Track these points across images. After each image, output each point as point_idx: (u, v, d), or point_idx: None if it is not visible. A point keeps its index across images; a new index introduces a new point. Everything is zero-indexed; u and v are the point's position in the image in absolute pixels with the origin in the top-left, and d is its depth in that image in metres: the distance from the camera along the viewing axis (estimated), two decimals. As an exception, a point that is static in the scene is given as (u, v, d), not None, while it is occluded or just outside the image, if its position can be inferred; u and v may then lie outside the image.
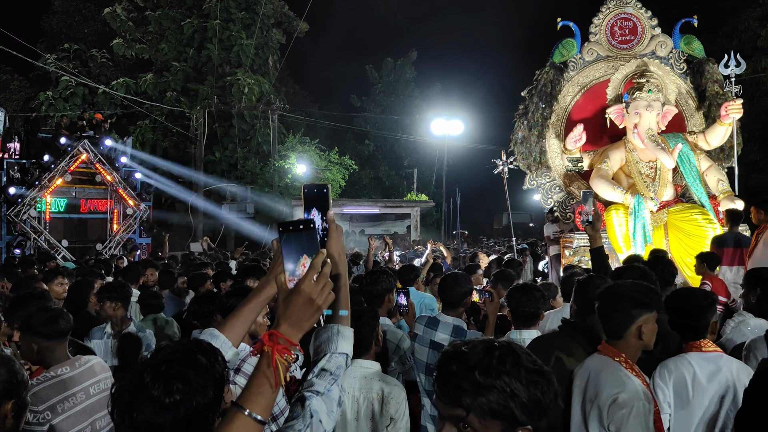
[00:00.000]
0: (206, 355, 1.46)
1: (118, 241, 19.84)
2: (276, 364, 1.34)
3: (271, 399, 1.37)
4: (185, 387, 1.39)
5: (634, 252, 7.20)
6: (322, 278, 1.42)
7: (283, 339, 1.37)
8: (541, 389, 1.26)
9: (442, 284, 3.62)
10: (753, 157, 20.03)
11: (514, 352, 1.29)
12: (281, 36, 30.60)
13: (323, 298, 1.42)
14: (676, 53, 8.70)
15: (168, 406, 1.37)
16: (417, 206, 28.09)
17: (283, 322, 1.41)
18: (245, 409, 1.33)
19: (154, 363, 1.43)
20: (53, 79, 27.51)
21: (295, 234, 1.46)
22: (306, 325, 1.42)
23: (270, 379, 1.35)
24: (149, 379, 1.39)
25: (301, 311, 1.40)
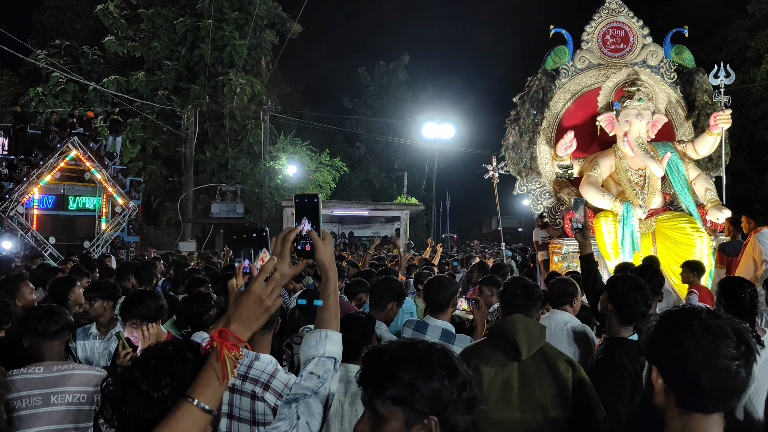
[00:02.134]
0: (195, 352, 1.51)
1: (106, 239, 19.72)
2: (224, 358, 1.40)
3: (218, 391, 1.42)
4: (173, 382, 1.43)
5: (622, 259, 7.25)
6: (272, 281, 1.51)
7: (232, 336, 1.45)
8: (441, 383, 1.35)
9: (427, 288, 3.64)
10: (740, 167, 20.24)
11: (427, 349, 1.40)
12: (274, 37, 30.59)
13: (272, 299, 1.50)
14: (666, 62, 8.77)
15: (156, 401, 1.41)
16: (407, 209, 28.12)
17: (233, 321, 1.48)
18: (192, 398, 1.38)
19: (143, 359, 1.48)
20: (44, 75, 27.32)
21: (248, 240, 1.63)
22: (255, 324, 1.50)
23: (218, 372, 1.40)
24: (138, 374, 1.44)
25: (250, 311, 1.48)
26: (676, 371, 1.41)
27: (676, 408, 1.43)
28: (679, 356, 1.40)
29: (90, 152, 19.04)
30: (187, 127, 28.35)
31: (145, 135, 28.65)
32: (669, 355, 1.42)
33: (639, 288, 2.94)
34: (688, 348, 1.39)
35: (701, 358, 1.37)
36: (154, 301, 3.33)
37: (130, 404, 1.41)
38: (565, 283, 4.26)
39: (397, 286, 3.76)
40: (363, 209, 28.50)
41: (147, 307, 3.26)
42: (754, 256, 6.47)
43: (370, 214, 28.77)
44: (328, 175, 29.77)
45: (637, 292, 2.92)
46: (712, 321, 1.42)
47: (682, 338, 1.40)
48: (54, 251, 17.94)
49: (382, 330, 3.51)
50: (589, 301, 3.75)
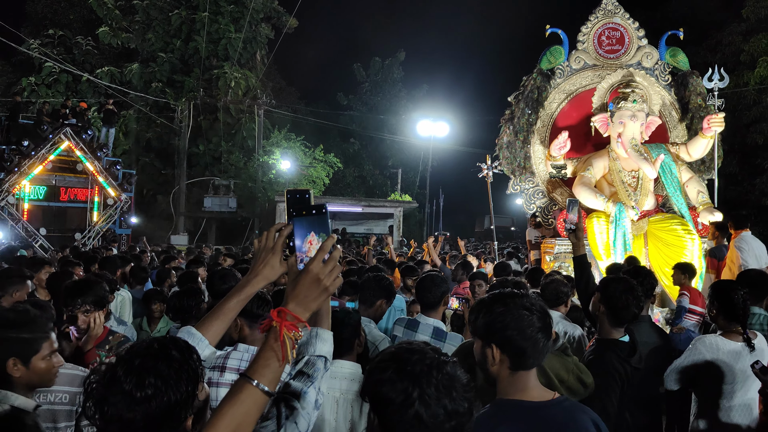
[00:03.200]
0: (181, 351, 1.47)
1: (97, 231, 19.62)
2: (283, 338, 1.38)
3: (278, 372, 1.41)
4: (157, 382, 1.40)
5: (613, 260, 7.28)
6: (331, 261, 1.47)
7: (291, 316, 1.42)
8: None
9: (419, 286, 3.64)
10: (732, 170, 20.33)
11: (405, 351, 1.46)
12: (270, 31, 30.48)
13: (331, 279, 1.46)
14: (661, 65, 8.80)
15: (139, 401, 1.37)
16: (400, 206, 28.13)
17: (291, 300, 1.45)
18: (253, 380, 1.37)
19: (127, 357, 1.43)
20: (36, 65, 27.11)
21: (307, 218, 1.53)
22: (313, 305, 1.47)
23: (277, 353, 1.39)
24: (122, 372, 1.39)
25: (308, 290, 1.45)
26: (510, 345, 1.92)
27: (508, 370, 1.94)
28: (512, 334, 1.92)
29: (82, 143, 18.92)
30: (181, 119, 28.22)
31: (139, 127, 28.50)
32: (504, 334, 1.93)
33: (632, 290, 2.95)
34: (519, 326, 1.92)
35: (526, 334, 1.92)
36: (102, 287, 3.25)
37: (113, 404, 1.37)
38: (560, 283, 4.27)
39: (387, 284, 3.76)
40: (356, 206, 28.48)
41: (98, 294, 3.17)
42: (732, 260, 6.53)
43: (364, 210, 28.75)
44: (322, 170, 29.72)
45: (629, 293, 2.93)
46: (528, 303, 1.98)
47: (514, 320, 1.93)
48: (45, 242, 17.84)
49: (371, 327, 3.51)
50: (581, 301, 3.77)
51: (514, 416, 1.88)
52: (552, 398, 1.95)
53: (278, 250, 1.60)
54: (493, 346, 1.95)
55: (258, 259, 1.64)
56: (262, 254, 1.62)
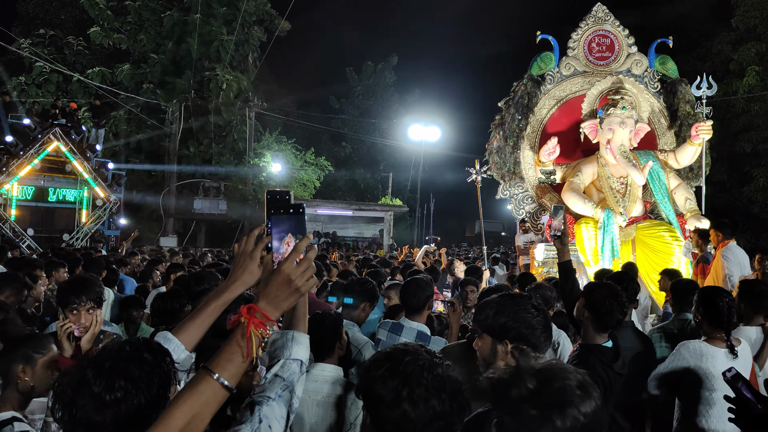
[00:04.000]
0: (153, 353, 1.45)
1: (86, 232, 19.48)
2: (250, 335, 1.37)
3: (241, 368, 1.39)
4: (128, 385, 1.38)
5: (601, 265, 7.30)
6: (304, 261, 1.46)
7: (260, 314, 1.41)
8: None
9: (404, 290, 3.64)
10: (720, 177, 20.46)
11: (400, 352, 1.48)
12: (262, 34, 30.43)
13: (303, 280, 1.45)
14: (650, 72, 8.86)
15: (109, 404, 1.35)
16: (391, 210, 28.15)
17: (262, 298, 1.44)
18: (214, 373, 1.35)
19: (98, 359, 1.41)
20: (27, 64, 26.92)
21: (284, 216, 1.53)
22: (284, 305, 1.46)
23: (242, 349, 1.37)
24: (92, 375, 1.37)
25: (279, 290, 1.44)
26: (524, 341, 2.07)
27: (511, 357, 2.06)
28: (526, 332, 2.10)
29: (71, 144, 18.80)
30: (172, 121, 28.11)
31: (129, 128, 28.36)
32: (519, 332, 2.10)
33: (616, 295, 2.95)
34: (530, 324, 2.11)
35: (537, 332, 2.10)
36: (99, 285, 3.19)
37: (81, 406, 1.35)
38: (546, 288, 4.27)
39: (370, 287, 3.76)
40: (347, 209, 28.49)
41: (96, 291, 3.10)
42: (717, 269, 6.57)
43: (354, 214, 28.76)
44: (313, 174, 29.70)
45: (613, 299, 2.93)
46: (536, 303, 2.18)
47: (527, 319, 2.12)
48: (32, 243, 17.69)
49: (353, 330, 3.50)
50: (566, 307, 3.77)
51: None
52: None
53: (257, 255, 1.58)
54: (506, 343, 2.08)
55: (237, 263, 1.62)
56: (241, 259, 1.61)
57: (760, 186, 19.74)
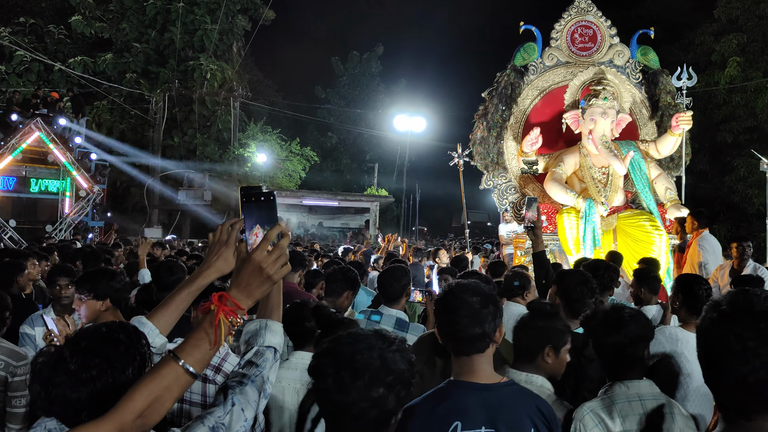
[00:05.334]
0: (128, 335, 1.49)
1: (69, 223, 19.32)
2: (219, 323, 1.37)
3: (207, 355, 1.39)
4: (102, 363, 1.41)
5: (583, 255, 7.38)
6: (276, 249, 1.45)
7: (231, 302, 1.41)
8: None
9: (381, 279, 3.71)
10: (702, 168, 20.68)
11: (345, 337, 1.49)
12: (247, 23, 30.18)
13: (275, 268, 1.45)
14: (632, 63, 8.92)
15: (84, 381, 1.39)
16: (376, 201, 28.15)
17: (233, 287, 1.45)
18: (180, 358, 1.36)
19: (75, 339, 1.45)
20: (7, 53, 26.52)
21: (255, 204, 1.51)
22: (256, 293, 1.46)
23: (210, 336, 1.38)
24: (68, 354, 1.41)
25: (251, 278, 1.44)
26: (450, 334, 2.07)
27: (454, 356, 2.08)
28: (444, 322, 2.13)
29: (53, 134, 18.60)
30: (156, 111, 27.85)
31: (112, 118, 28.07)
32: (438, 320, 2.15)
33: (586, 282, 3.02)
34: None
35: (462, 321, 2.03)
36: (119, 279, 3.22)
37: (58, 384, 1.39)
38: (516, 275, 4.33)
39: (352, 276, 3.82)
40: (332, 200, 28.46)
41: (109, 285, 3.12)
42: (693, 257, 6.69)
43: (340, 204, 28.74)
44: (299, 164, 29.61)
45: (584, 285, 3.00)
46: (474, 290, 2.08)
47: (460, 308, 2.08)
48: (14, 234, 17.53)
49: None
50: (541, 296, 3.83)
51: (456, 395, 1.96)
52: (499, 381, 2.02)
53: (232, 242, 1.60)
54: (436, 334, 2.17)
55: (212, 251, 1.65)
56: (216, 247, 1.63)
57: (740, 176, 19.98)
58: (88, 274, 3.21)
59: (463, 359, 2.04)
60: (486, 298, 2.04)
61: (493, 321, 2.03)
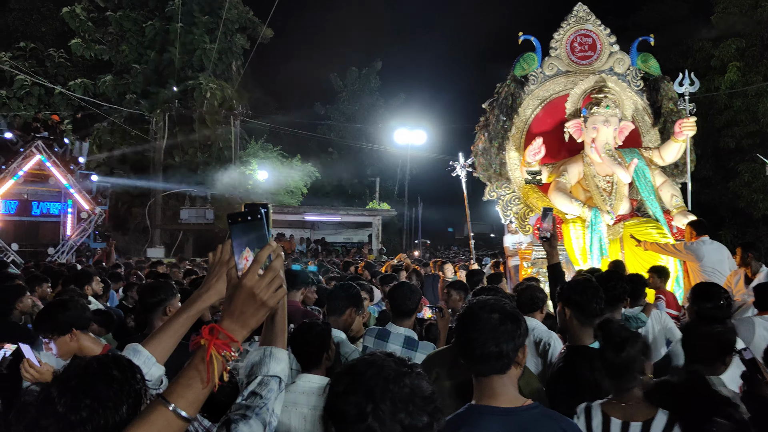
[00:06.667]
0: (122, 370, 1.37)
1: (71, 245, 19.27)
2: (210, 358, 1.26)
3: (200, 395, 1.27)
4: (93, 404, 1.29)
5: (590, 264, 7.28)
6: (269, 272, 1.33)
7: (223, 334, 1.29)
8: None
9: (393, 294, 3.58)
10: (706, 174, 20.60)
11: (363, 364, 1.38)
12: (245, 41, 30.30)
13: (268, 293, 1.33)
14: (633, 70, 8.88)
15: (73, 424, 1.27)
16: (379, 215, 28.08)
17: (225, 317, 1.33)
18: (169, 402, 1.24)
19: (64, 377, 1.34)
20: (8, 78, 26.64)
21: (242, 225, 1.39)
22: (251, 322, 1.34)
23: (202, 374, 1.26)
24: (56, 393, 1.29)
25: (244, 306, 1.32)
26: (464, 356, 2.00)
27: (474, 379, 1.99)
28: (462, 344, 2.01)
29: (54, 156, 18.60)
30: (156, 131, 27.90)
31: (113, 139, 28.11)
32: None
33: (590, 286, 2.94)
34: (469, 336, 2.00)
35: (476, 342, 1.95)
36: (71, 311, 3.03)
37: (45, 427, 1.27)
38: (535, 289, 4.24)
39: (355, 292, 3.68)
40: (335, 215, 28.39)
41: (56, 321, 2.97)
42: (691, 265, 6.64)
43: (342, 219, 28.67)
44: (300, 180, 29.59)
45: (587, 289, 2.92)
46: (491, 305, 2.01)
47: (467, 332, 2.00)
48: (17, 258, 17.47)
49: (342, 339, 3.44)
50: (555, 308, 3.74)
51: (475, 421, 1.87)
52: (522, 405, 1.91)
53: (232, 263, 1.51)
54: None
55: (211, 272, 1.56)
56: (215, 268, 1.55)
57: (745, 181, 19.88)
58: (41, 315, 3.06)
59: (482, 381, 1.94)
60: (506, 316, 1.94)
61: (513, 340, 1.92)
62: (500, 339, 1.90)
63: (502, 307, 1.98)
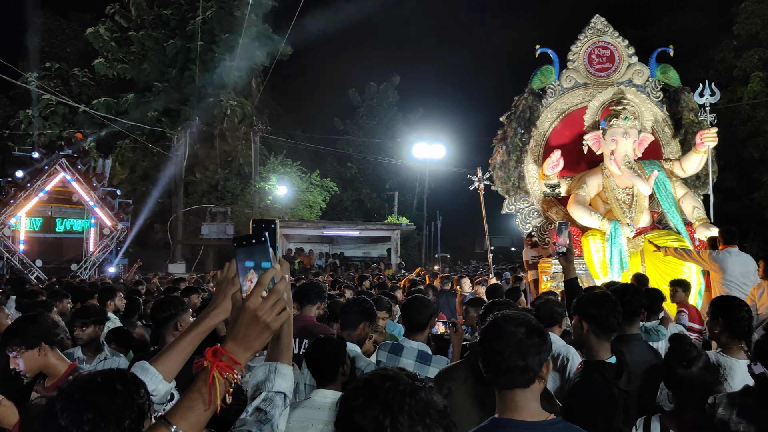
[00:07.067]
0: (126, 384, 1.37)
1: (93, 261, 19.52)
2: (213, 380, 1.26)
3: (203, 418, 1.28)
4: (96, 417, 1.29)
5: (611, 278, 7.19)
6: (272, 295, 1.34)
7: (226, 357, 1.30)
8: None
9: (406, 308, 3.55)
10: (729, 185, 20.31)
11: (378, 378, 1.34)
12: (265, 58, 30.67)
13: (272, 315, 1.33)
14: (652, 82, 8.80)
15: None
16: (397, 229, 28.03)
17: (229, 339, 1.34)
18: (171, 425, 1.24)
19: (67, 390, 1.33)
20: (34, 97, 27.24)
21: (247, 248, 1.39)
22: (255, 345, 1.34)
23: (204, 396, 1.26)
24: (59, 407, 1.29)
25: (247, 329, 1.33)
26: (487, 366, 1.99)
27: (497, 391, 2.00)
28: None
29: (78, 174, 18.91)
30: (177, 148, 28.27)
31: (135, 156, 28.53)
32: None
33: (607, 299, 2.89)
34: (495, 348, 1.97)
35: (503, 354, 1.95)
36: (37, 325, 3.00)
37: None
38: (554, 303, 4.19)
39: (368, 306, 3.67)
40: (353, 229, 28.40)
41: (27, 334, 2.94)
42: (713, 276, 6.50)
43: (361, 234, 28.67)
44: (319, 195, 29.72)
45: (605, 302, 2.88)
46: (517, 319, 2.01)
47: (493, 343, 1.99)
48: (41, 274, 17.73)
49: (357, 352, 3.42)
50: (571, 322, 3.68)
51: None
52: (546, 419, 1.92)
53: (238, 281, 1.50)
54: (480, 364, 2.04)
55: (219, 290, 1.55)
56: (222, 285, 1.54)
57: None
58: (9, 328, 3.04)
59: (506, 395, 1.96)
60: (532, 330, 1.96)
61: (539, 354, 1.93)
62: (526, 353, 1.91)
63: (528, 321, 1.99)
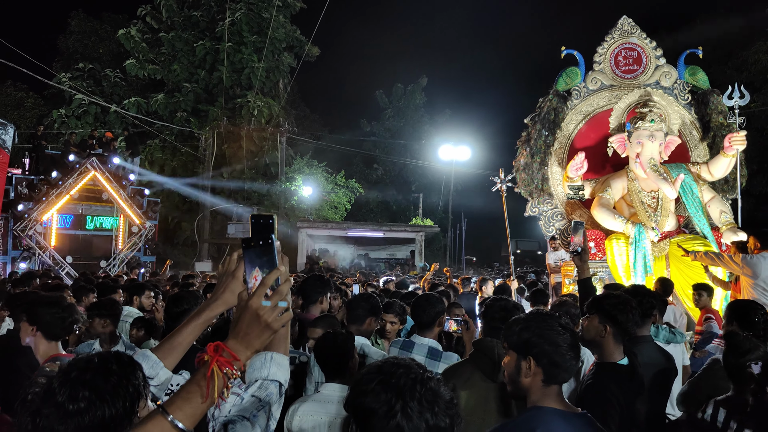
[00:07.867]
0: (122, 366, 1.43)
1: (122, 258, 19.85)
2: (212, 374, 1.30)
3: (199, 410, 1.32)
4: (92, 395, 1.35)
5: (634, 282, 7.09)
6: (275, 296, 1.37)
7: (227, 352, 1.34)
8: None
9: (414, 306, 3.60)
10: (761, 190, 19.88)
11: (391, 365, 1.41)
12: (292, 59, 30.92)
13: (273, 316, 1.37)
14: (680, 84, 8.66)
15: (71, 414, 1.34)
16: (422, 231, 28.01)
17: (231, 336, 1.38)
18: (168, 414, 1.28)
19: (66, 370, 1.40)
20: (67, 97, 27.87)
21: (254, 249, 1.44)
22: (256, 343, 1.38)
23: (202, 389, 1.30)
24: (57, 384, 1.36)
25: (249, 328, 1.37)
26: (547, 358, 2.07)
27: (540, 383, 2.09)
28: (549, 349, 2.08)
29: (108, 172, 19.26)
30: (205, 148, 28.65)
31: (164, 156, 28.99)
32: (542, 348, 2.08)
33: (630, 304, 2.90)
34: (555, 342, 2.09)
35: (561, 350, 2.09)
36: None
37: (46, 416, 1.33)
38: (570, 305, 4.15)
39: (374, 302, 3.74)
40: (378, 231, 28.46)
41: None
42: (745, 280, 6.35)
43: (385, 235, 28.71)
44: (344, 196, 29.84)
45: (624, 303, 2.88)
46: (563, 322, 2.16)
47: (552, 336, 2.10)
48: (71, 270, 18.09)
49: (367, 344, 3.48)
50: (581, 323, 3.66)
51: (551, 420, 2.03)
52: (576, 411, 2.11)
53: (239, 275, 1.53)
54: (530, 359, 2.10)
55: (220, 283, 1.60)
56: (224, 279, 1.58)
57: (803, 198, 19.11)
58: (29, 301, 3.34)
59: (554, 388, 2.12)
60: (574, 335, 2.20)
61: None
62: (577, 355, 2.16)
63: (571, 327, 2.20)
